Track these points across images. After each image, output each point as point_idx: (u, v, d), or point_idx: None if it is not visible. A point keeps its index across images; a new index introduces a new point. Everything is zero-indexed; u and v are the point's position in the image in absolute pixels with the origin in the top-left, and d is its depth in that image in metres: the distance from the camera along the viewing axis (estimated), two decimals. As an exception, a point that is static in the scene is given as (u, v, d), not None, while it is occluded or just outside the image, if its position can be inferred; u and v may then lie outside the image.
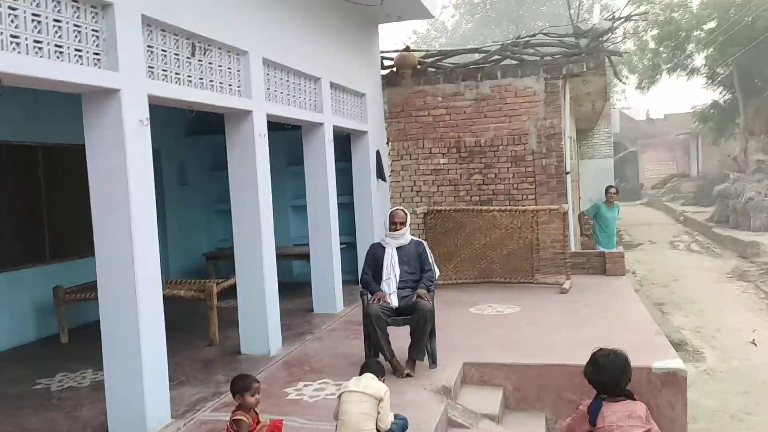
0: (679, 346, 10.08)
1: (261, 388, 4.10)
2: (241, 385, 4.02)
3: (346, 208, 10.34)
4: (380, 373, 4.36)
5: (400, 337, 5.92)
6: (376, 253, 6.16)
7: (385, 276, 6.03)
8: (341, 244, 10.22)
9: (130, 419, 4.38)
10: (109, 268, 4.44)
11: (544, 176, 10.54)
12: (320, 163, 8.22)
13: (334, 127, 8.44)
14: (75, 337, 7.34)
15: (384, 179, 10.52)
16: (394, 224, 6.09)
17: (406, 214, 6.22)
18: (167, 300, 8.21)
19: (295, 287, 10.09)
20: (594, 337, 6.68)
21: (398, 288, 5.95)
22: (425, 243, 6.32)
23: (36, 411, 5.05)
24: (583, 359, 5.81)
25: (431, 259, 6.22)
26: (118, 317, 4.42)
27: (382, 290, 5.95)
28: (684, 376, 5.61)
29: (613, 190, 10.94)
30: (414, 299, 5.85)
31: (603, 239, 10.91)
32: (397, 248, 6.08)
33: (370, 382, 4.20)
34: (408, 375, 5.64)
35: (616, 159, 42.96)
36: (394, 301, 5.92)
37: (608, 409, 3.50)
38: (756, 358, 9.44)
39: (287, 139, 10.72)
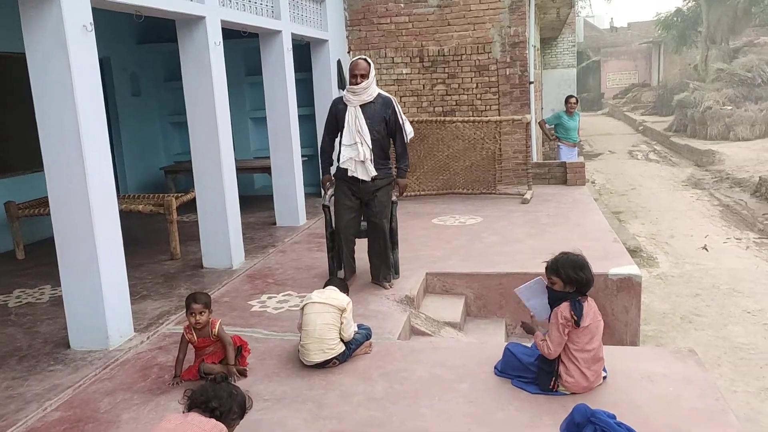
0: (634, 252, 10.39)
1: (207, 308, 3.95)
2: (186, 304, 3.95)
3: (308, 119, 10.14)
4: (344, 289, 4.37)
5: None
6: (338, 114, 5.42)
7: (347, 140, 5.29)
8: (303, 156, 10.08)
9: (91, 334, 4.35)
10: (59, 183, 4.27)
11: (507, 86, 10.41)
12: (279, 74, 7.94)
13: (293, 35, 8.11)
14: (31, 252, 7.19)
15: (345, 89, 10.26)
16: (354, 77, 5.26)
17: (369, 64, 5.32)
18: (126, 215, 8.09)
19: (257, 200, 10.00)
20: (554, 245, 6.79)
21: (370, 156, 5.30)
22: (395, 100, 5.53)
23: (-7, 328, 4.99)
24: (542, 268, 6.00)
25: (402, 119, 5.44)
26: (72, 233, 4.29)
27: (331, 175, 5.55)
28: (638, 281, 5.78)
29: (573, 100, 10.92)
30: (378, 194, 5.40)
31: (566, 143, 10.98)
32: (361, 107, 5.31)
33: (332, 293, 4.21)
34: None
35: (579, 68, 42.64)
36: (361, 172, 5.30)
37: (587, 307, 3.57)
38: (707, 263, 9.80)
39: (244, 47, 10.33)
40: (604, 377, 3.73)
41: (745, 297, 8.25)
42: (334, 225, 5.71)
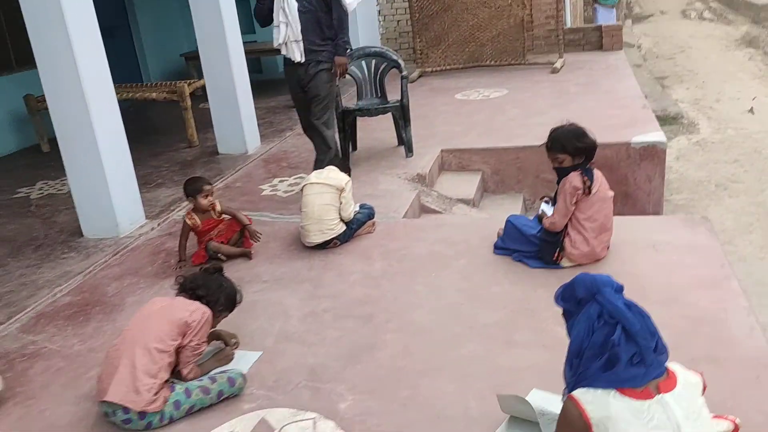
0: (674, 119, 9.94)
1: (214, 190, 4.09)
2: (192, 188, 4.01)
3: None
4: (344, 168, 4.29)
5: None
6: None
7: (275, 20, 4.66)
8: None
9: (100, 222, 4.45)
10: (53, 76, 4.22)
11: (538, -55, 9.66)
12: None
13: None
14: (56, 146, 7.26)
15: (364, -41, 9.70)
16: None
17: None
18: (145, 104, 8.11)
19: (280, 83, 9.81)
20: (577, 116, 6.43)
21: (302, 36, 4.62)
22: None
23: (13, 219, 5.15)
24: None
25: None
26: (71, 125, 4.29)
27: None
28: (663, 148, 5.53)
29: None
30: (317, 72, 4.72)
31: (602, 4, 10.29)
32: None
33: (331, 173, 4.16)
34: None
35: None
36: (296, 53, 4.69)
37: (598, 174, 3.45)
38: (752, 126, 9.29)
39: None
40: (608, 248, 3.63)
41: (788, 161, 7.85)
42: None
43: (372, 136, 6.44)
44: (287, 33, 4.65)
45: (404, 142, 5.82)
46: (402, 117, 5.76)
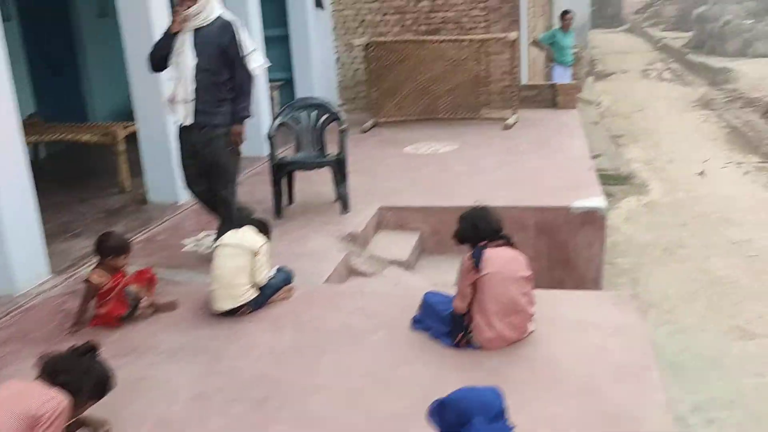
0: (626, 179, 9.96)
1: (131, 249, 3.86)
2: (111, 247, 3.78)
3: (282, 41, 9.60)
4: (263, 229, 4.04)
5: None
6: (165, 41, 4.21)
7: (167, 75, 4.24)
8: (277, 81, 9.62)
9: (-2, 278, 4.12)
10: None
11: (496, 1, 9.71)
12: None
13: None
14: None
15: (322, 7, 9.67)
16: (182, 0, 4.06)
17: None
18: (75, 146, 7.79)
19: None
20: (522, 176, 6.43)
21: (195, 96, 4.14)
22: (237, 23, 4.24)
23: None
24: (505, 200, 5.64)
25: (245, 47, 4.18)
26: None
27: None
28: (603, 214, 5.41)
29: (569, 15, 10.19)
30: (213, 138, 4.23)
31: (560, 64, 10.34)
32: (194, 31, 4.13)
33: (246, 235, 3.91)
34: None
35: (601, -19, 40.69)
36: (181, 114, 4.22)
37: (492, 252, 3.27)
38: (701, 190, 9.33)
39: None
40: (531, 331, 3.40)
41: (735, 226, 7.83)
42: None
43: (313, 189, 6.23)
44: (176, 91, 4.20)
45: (340, 198, 5.61)
46: (339, 172, 5.57)
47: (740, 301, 6.02)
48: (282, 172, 5.61)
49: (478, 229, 3.34)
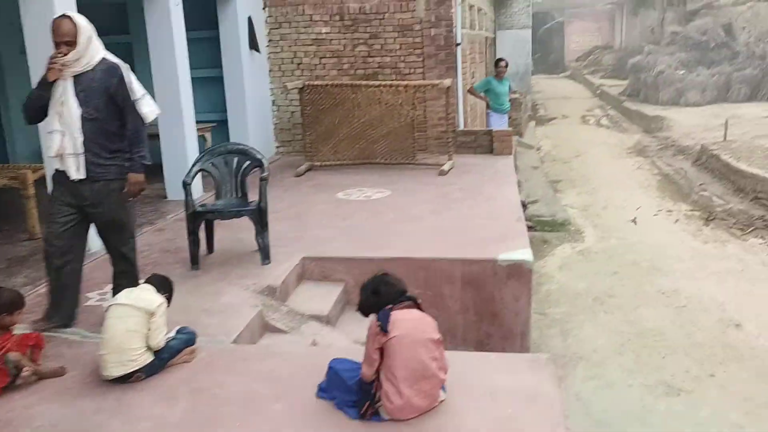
0: (561, 225, 10.01)
1: (23, 305, 3.57)
2: (4, 303, 3.46)
3: (217, 82, 9.41)
4: (163, 287, 3.78)
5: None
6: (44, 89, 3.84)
7: (48, 127, 3.87)
8: (211, 122, 9.40)
9: None
10: None
11: (432, 48, 9.76)
12: (165, 31, 7.19)
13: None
14: None
15: (257, 50, 9.53)
16: (57, 45, 3.73)
17: (75, 25, 3.73)
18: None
19: (153, 170, 9.28)
20: (452, 225, 6.31)
21: (84, 148, 3.82)
22: (125, 67, 3.92)
23: None
24: (431, 252, 5.50)
25: (135, 92, 3.91)
26: None
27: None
28: (529, 267, 5.31)
29: (503, 63, 10.32)
30: (108, 192, 3.94)
31: (495, 111, 10.42)
32: (75, 77, 3.81)
33: (143, 293, 3.64)
34: None
35: (543, 30, 42.14)
36: (72, 169, 3.86)
37: (399, 314, 3.09)
38: (633, 237, 9.44)
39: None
40: (442, 400, 3.22)
41: (664, 275, 7.89)
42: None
43: (235, 237, 5.98)
44: (63, 144, 3.83)
45: (261, 248, 5.38)
46: (259, 222, 5.34)
47: (668, 354, 5.99)
48: (199, 221, 5.35)
49: (380, 295, 3.19)
